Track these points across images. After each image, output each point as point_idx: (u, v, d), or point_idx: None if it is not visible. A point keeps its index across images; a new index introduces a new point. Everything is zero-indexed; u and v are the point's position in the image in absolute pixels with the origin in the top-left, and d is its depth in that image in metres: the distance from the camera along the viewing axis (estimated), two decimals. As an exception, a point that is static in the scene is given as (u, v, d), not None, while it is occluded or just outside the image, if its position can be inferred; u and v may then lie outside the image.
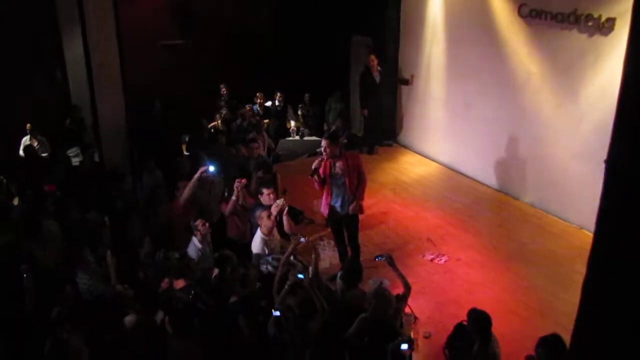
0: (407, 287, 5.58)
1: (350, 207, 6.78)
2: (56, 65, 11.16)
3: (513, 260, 7.75)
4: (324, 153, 6.63)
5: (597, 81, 7.87)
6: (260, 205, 7.03)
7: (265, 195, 7.08)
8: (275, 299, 5.52)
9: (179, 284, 5.70)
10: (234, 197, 7.01)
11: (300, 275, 5.46)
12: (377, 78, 10.79)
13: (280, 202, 6.85)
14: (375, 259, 5.85)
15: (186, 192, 7.14)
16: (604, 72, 7.75)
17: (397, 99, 11.70)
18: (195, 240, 6.66)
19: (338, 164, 6.64)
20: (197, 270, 6.18)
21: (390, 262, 5.62)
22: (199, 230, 6.67)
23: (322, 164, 6.66)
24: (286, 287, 5.41)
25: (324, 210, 7.00)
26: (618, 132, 2.75)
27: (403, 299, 5.58)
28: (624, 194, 2.69)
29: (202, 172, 7.15)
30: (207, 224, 6.75)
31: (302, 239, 6.13)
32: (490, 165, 9.83)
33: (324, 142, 6.61)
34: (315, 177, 6.71)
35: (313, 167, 6.68)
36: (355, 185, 6.72)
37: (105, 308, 5.39)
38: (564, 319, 6.38)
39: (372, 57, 10.76)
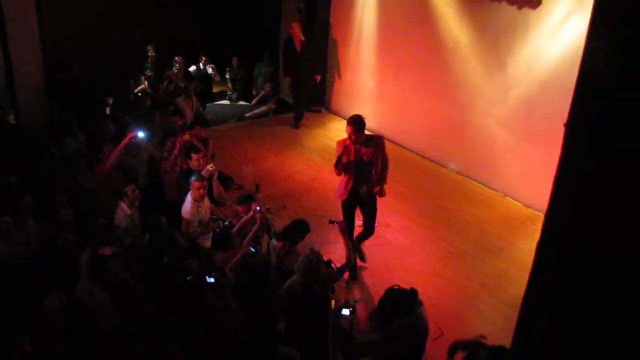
0: (349, 259, 5.57)
1: (375, 191, 6.59)
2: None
3: (440, 226, 7.91)
4: (349, 139, 6.29)
5: (524, 53, 8.06)
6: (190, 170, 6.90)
7: (195, 161, 6.99)
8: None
9: (106, 251, 5.51)
10: (175, 152, 6.95)
11: (252, 249, 5.61)
12: (299, 47, 10.41)
13: (210, 167, 6.75)
14: (329, 223, 5.75)
15: (112, 157, 6.97)
16: (531, 44, 7.95)
17: (326, 65, 11.60)
18: (124, 206, 6.54)
19: (364, 150, 6.36)
20: (127, 237, 6.06)
21: (342, 229, 5.58)
22: (129, 197, 6.56)
23: (346, 150, 6.32)
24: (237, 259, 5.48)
25: (342, 195, 6.68)
26: (579, 96, 2.80)
27: (342, 270, 5.57)
28: (584, 155, 2.77)
29: (130, 138, 6.91)
30: (137, 190, 6.65)
31: (258, 207, 6.03)
32: (418, 132, 9.97)
33: (348, 129, 6.24)
34: (338, 168, 6.37)
35: (337, 155, 6.31)
36: (379, 170, 6.51)
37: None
38: (489, 281, 6.73)
39: (294, 24, 10.43)
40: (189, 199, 6.56)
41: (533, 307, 3.49)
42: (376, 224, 7.52)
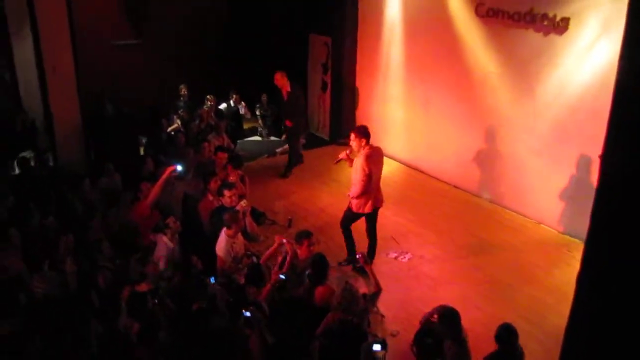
0: (378, 288, 5.58)
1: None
2: (5, 67, 10.76)
3: (474, 255, 7.83)
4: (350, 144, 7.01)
5: (553, 79, 8.05)
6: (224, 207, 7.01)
7: (227, 197, 7.05)
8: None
9: (142, 287, 5.62)
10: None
11: (282, 276, 5.67)
12: (285, 97, 10.18)
13: (243, 203, 6.85)
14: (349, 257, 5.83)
15: (154, 193, 7.15)
16: (559, 69, 7.94)
17: (355, 99, 11.72)
18: (165, 239, 6.67)
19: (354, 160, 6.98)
20: (166, 270, 6.17)
21: (365, 259, 5.66)
22: (171, 228, 6.70)
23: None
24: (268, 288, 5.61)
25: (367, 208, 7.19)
26: (614, 127, 2.76)
27: (373, 298, 5.57)
28: (620, 188, 2.71)
29: (170, 172, 7.05)
30: (177, 222, 6.80)
31: (284, 240, 6.31)
32: (449, 162, 9.95)
33: (351, 135, 6.95)
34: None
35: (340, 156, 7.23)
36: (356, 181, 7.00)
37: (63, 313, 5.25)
38: (526, 312, 6.58)
39: (277, 75, 9.99)
40: (223, 235, 6.63)
41: (577, 341, 3.39)
42: (409, 256, 7.73)
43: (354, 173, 6.94)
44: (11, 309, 5.35)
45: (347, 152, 7.03)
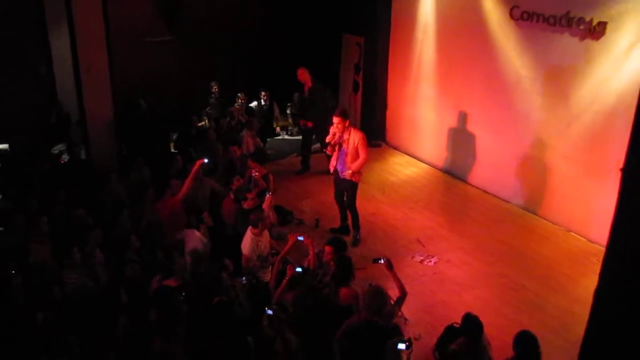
0: (404, 292, 5.55)
1: (346, 174, 7.72)
2: (41, 61, 10.98)
3: (502, 262, 7.74)
4: (334, 127, 7.67)
5: (588, 85, 7.90)
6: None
7: (250, 200, 7.16)
8: (272, 294, 5.61)
9: (171, 282, 5.69)
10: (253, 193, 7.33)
11: (299, 269, 5.55)
12: (307, 92, 10.28)
13: (269, 195, 7.08)
14: (373, 262, 5.80)
15: (185, 187, 7.23)
16: (594, 76, 7.79)
17: (385, 99, 11.67)
18: (199, 234, 6.74)
19: (344, 137, 7.64)
20: (201, 263, 6.23)
21: (389, 265, 5.58)
22: (206, 223, 6.87)
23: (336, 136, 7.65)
24: (285, 282, 5.50)
25: (332, 168, 7.99)
26: (636, 140, 2.71)
27: (398, 303, 5.54)
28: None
29: (200, 164, 7.24)
30: (209, 218, 6.96)
31: (300, 237, 6.19)
32: (479, 166, 9.85)
33: (335, 119, 7.61)
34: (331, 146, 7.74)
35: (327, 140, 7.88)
36: (353, 157, 7.64)
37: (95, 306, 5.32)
38: (552, 321, 6.51)
39: (300, 70, 10.14)
40: (248, 234, 6.65)
41: (593, 350, 3.34)
42: (435, 260, 7.66)
43: (347, 150, 7.66)
44: (45, 300, 5.43)
45: (337, 135, 7.65)
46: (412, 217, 8.90)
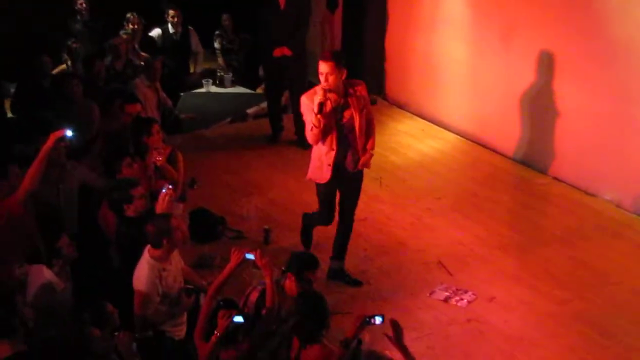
0: None
1: (361, 162, 5.67)
2: None
3: (579, 297, 5.61)
4: (324, 83, 5.27)
5: None
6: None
7: (137, 200, 5.18)
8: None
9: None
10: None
11: (238, 318, 4.33)
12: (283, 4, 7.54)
13: (166, 188, 5.07)
14: (366, 320, 4.20)
15: (29, 178, 5.15)
16: None
17: (384, 23, 8.92)
18: (49, 272, 4.97)
19: (344, 101, 5.47)
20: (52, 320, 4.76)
21: (396, 334, 3.97)
22: (63, 256, 5.19)
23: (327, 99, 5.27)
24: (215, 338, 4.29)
25: (329, 173, 5.60)
26: None
27: None
28: None
29: (56, 140, 5.10)
30: (72, 245, 5.14)
31: (249, 255, 4.59)
32: (538, 139, 7.40)
33: (323, 66, 5.24)
34: (319, 118, 5.23)
35: (316, 102, 5.26)
36: (364, 132, 5.59)
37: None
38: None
39: None
40: (145, 259, 4.72)
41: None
42: (469, 297, 5.80)
43: (356, 122, 5.49)
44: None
45: (333, 100, 5.34)
46: (429, 224, 6.75)
